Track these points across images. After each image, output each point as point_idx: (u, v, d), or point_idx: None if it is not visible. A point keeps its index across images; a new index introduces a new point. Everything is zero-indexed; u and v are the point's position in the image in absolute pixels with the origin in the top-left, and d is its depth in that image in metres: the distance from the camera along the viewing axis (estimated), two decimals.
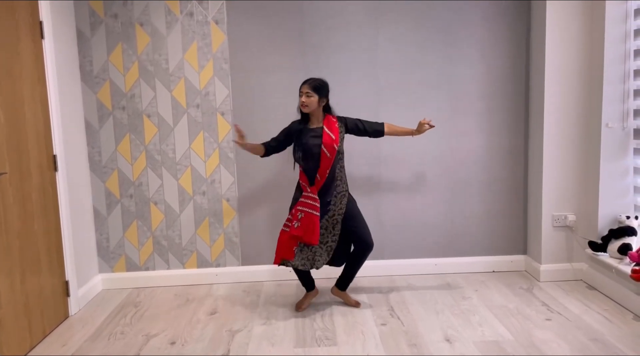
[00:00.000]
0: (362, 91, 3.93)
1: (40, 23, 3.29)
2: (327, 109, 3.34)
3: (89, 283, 3.80)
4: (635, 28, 3.46)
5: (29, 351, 3.02)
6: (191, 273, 4.01)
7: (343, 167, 3.35)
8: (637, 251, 3.27)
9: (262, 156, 3.38)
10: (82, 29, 3.78)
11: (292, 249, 3.24)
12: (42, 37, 3.31)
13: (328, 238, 3.33)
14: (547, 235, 3.83)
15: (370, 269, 4.03)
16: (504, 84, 3.95)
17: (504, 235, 4.08)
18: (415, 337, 3.03)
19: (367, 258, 4.03)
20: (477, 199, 4.04)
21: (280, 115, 3.77)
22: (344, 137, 3.34)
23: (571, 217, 3.79)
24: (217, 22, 3.83)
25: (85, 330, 3.28)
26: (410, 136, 3.56)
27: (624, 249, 3.39)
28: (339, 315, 3.37)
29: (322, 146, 3.21)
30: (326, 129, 3.25)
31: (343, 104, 3.90)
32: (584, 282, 3.79)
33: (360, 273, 4.02)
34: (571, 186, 3.79)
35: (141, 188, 3.94)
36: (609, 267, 3.47)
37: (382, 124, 3.40)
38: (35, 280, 3.13)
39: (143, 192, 3.94)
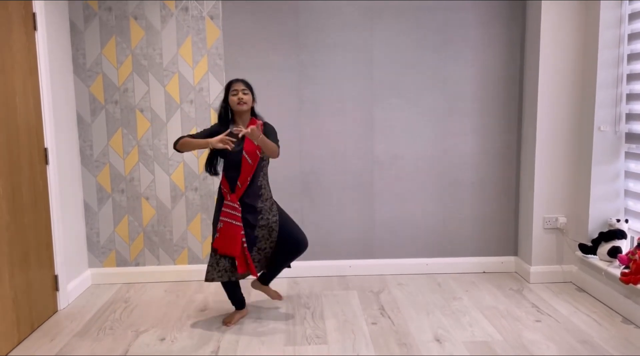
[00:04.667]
0: (356, 91, 3.92)
1: (34, 15, 3.26)
2: (252, 113, 3.18)
3: (78, 278, 3.77)
4: (629, 32, 3.47)
5: (17, 345, 3.00)
6: (182, 269, 4.00)
7: (266, 174, 3.18)
8: (627, 254, 3.29)
9: (180, 152, 3.12)
10: (76, 22, 3.75)
11: (252, 263, 3.10)
12: (34, 29, 3.27)
13: (266, 244, 3.16)
14: (538, 237, 3.84)
15: (361, 268, 4.04)
16: (497, 86, 3.96)
17: (495, 236, 4.10)
18: (405, 337, 3.04)
19: (357, 257, 4.05)
20: (468, 200, 4.05)
21: (274, 113, 3.75)
22: None
23: (562, 219, 3.81)
24: (212, 18, 3.81)
25: (73, 325, 3.26)
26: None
27: (614, 252, 3.41)
28: (330, 313, 3.37)
29: (244, 153, 3.03)
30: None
31: (337, 104, 3.91)
32: (574, 284, 3.82)
33: (352, 271, 4.04)
34: (562, 189, 3.81)
35: (133, 183, 3.91)
36: (598, 270, 3.49)
37: (277, 146, 3.06)
38: (24, 274, 3.10)
39: (134, 187, 3.92)
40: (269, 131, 3.12)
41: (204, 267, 3.99)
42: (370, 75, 3.91)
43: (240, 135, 2.90)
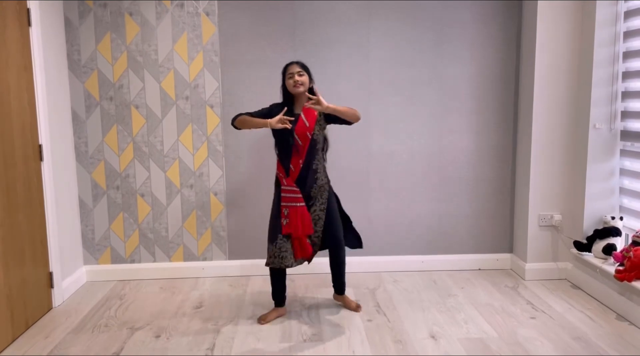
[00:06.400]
0: (353, 88, 3.92)
1: (28, 10, 3.24)
2: (311, 93, 3.08)
3: (73, 275, 3.76)
4: (625, 30, 3.48)
5: (11, 343, 2.99)
6: (177, 266, 3.99)
7: (323, 158, 3.19)
8: (621, 251, 3.30)
9: (237, 128, 3.17)
10: (70, 17, 3.73)
11: (307, 243, 3.14)
12: (29, 24, 3.25)
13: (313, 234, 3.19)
14: (533, 234, 3.85)
15: (357, 265, 4.04)
16: (493, 84, 3.96)
17: (491, 233, 4.11)
18: (400, 333, 3.04)
19: (353, 254, 4.05)
20: (464, 197, 4.06)
21: None
22: (324, 127, 3.18)
23: (557, 217, 3.82)
24: (207, 14, 3.79)
25: (68, 322, 3.25)
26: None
27: (609, 250, 3.43)
28: (326, 310, 3.37)
29: (294, 134, 3.06)
30: (302, 116, 3.09)
31: (333, 100, 3.89)
32: (569, 281, 3.83)
33: (347, 269, 4.03)
34: (558, 186, 3.82)
35: (128, 180, 3.90)
36: (593, 267, 3.50)
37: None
38: (18, 271, 3.09)
39: (130, 184, 3.91)
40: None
41: (199, 264, 3.99)
42: (366, 72, 3.91)
43: (307, 106, 2.97)
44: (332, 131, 3.92)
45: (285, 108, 3.05)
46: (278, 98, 3.83)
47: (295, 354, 2.83)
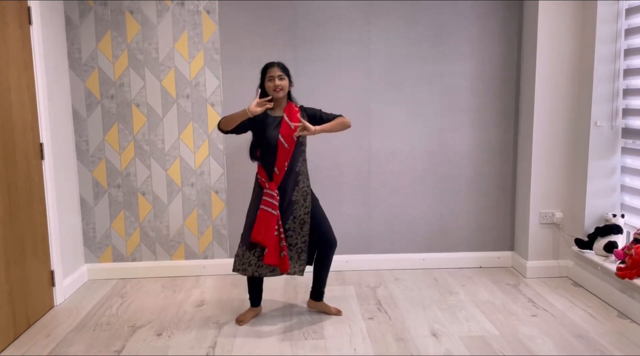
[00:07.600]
0: (354, 85, 3.92)
1: (28, 9, 3.24)
2: (289, 96, 3.12)
3: (74, 273, 3.77)
4: (626, 27, 3.47)
5: (13, 341, 2.99)
6: (178, 265, 3.99)
7: (305, 160, 3.12)
8: (623, 249, 3.30)
9: (225, 132, 3.03)
10: (71, 16, 3.72)
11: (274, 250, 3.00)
12: (29, 23, 3.25)
13: (297, 239, 3.07)
14: (534, 232, 3.85)
15: (358, 263, 4.04)
16: (494, 82, 3.96)
17: (492, 231, 4.10)
18: (402, 331, 3.04)
19: (354, 252, 4.06)
20: (465, 195, 4.06)
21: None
22: None
23: (558, 214, 3.82)
24: (208, 12, 3.79)
25: (70, 321, 3.26)
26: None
27: (610, 247, 3.42)
28: None
29: (280, 136, 2.98)
30: (286, 118, 3.00)
31: (333, 99, 3.89)
32: (570, 279, 3.83)
33: (349, 266, 4.04)
34: (559, 184, 3.81)
35: (129, 178, 3.90)
36: (594, 264, 3.50)
37: (339, 116, 3.13)
38: (20, 269, 3.09)
39: (131, 182, 3.91)
40: (314, 113, 3.09)
41: (200, 262, 3.99)
42: (367, 70, 3.90)
43: (295, 136, 2.96)
44: None
45: (260, 90, 3.00)
46: None
47: (297, 353, 2.83)
